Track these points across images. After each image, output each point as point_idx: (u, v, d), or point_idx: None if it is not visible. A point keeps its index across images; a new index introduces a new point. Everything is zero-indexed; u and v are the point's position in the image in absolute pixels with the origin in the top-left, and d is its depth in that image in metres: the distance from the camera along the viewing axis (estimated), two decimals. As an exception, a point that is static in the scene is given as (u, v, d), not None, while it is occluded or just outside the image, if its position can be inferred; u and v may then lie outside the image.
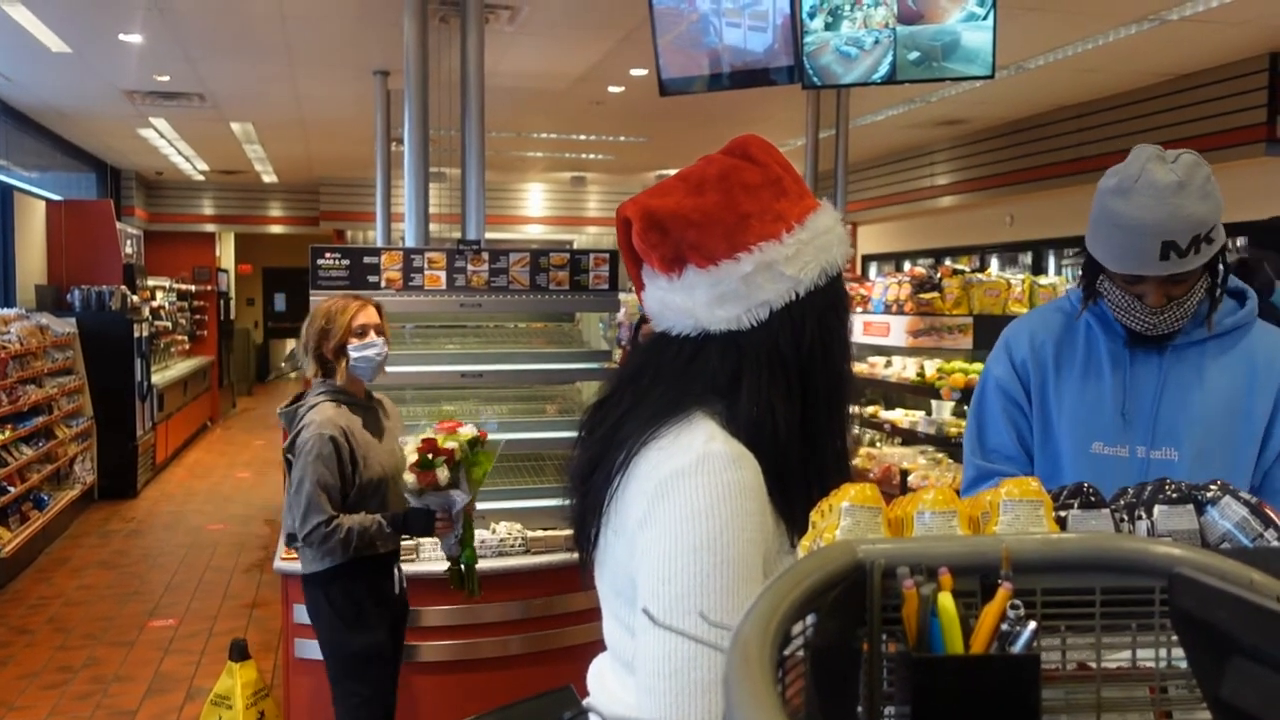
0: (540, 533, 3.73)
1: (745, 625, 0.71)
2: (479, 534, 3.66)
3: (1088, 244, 1.91)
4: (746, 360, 1.23)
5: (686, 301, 1.25)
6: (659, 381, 1.27)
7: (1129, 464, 1.90)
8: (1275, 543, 1.05)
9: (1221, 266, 1.89)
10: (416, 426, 3.87)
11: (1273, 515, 1.07)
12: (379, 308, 3.18)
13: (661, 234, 1.25)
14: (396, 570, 3.19)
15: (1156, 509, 1.11)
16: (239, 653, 3.82)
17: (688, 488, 1.15)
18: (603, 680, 1.34)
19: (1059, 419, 1.98)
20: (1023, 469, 2.02)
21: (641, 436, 1.22)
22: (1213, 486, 1.11)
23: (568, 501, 1.35)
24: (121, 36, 6.76)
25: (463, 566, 3.17)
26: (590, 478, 1.29)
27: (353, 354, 3.08)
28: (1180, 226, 1.74)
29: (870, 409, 6.59)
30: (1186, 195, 1.74)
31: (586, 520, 1.29)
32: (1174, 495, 1.12)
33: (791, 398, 1.23)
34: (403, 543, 3.59)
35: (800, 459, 1.23)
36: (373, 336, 3.10)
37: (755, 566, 1.15)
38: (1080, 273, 2.02)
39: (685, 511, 1.14)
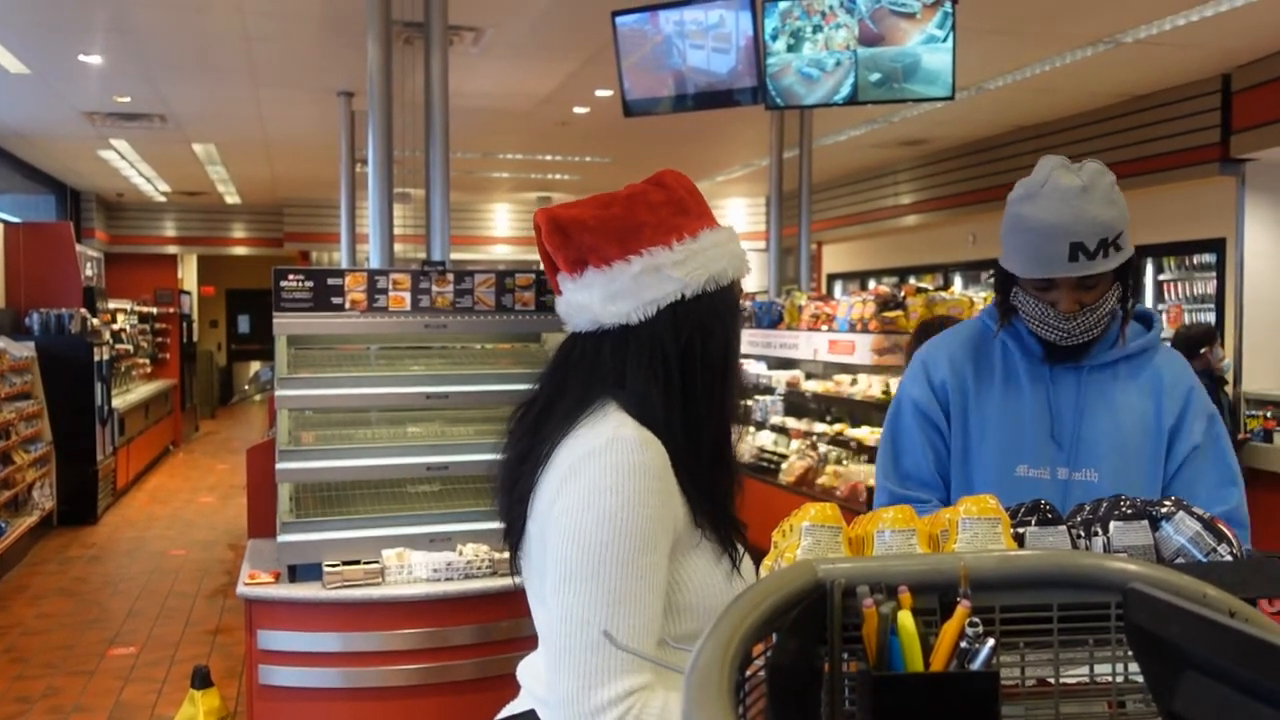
0: (507, 554, 3.72)
1: (704, 646, 0.71)
2: (445, 556, 3.64)
3: (1001, 260, 1.94)
4: (631, 352, 1.38)
5: (586, 299, 1.40)
6: (571, 377, 1.42)
7: (1050, 486, 1.91)
8: (1228, 557, 1.07)
9: (1131, 281, 1.92)
10: (379, 450, 3.85)
11: (1225, 530, 1.08)
12: None
13: (564, 237, 1.41)
14: None
15: (1112, 525, 1.12)
16: (202, 680, 3.77)
17: (595, 466, 1.30)
18: (534, 669, 1.45)
19: (981, 441, 1.96)
20: (938, 495, 1.99)
21: (563, 429, 1.37)
22: (1167, 502, 1.13)
23: (497, 497, 1.48)
24: (81, 57, 6.70)
25: None
26: (519, 468, 1.43)
27: None
28: (1086, 228, 1.78)
29: (837, 426, 6.62)
30: (1091, 199, 1.79)
31: (514, 513, 1.43)
32: (1129, 511, 1.14)
33: (670, 388, 1.36)
34: (367, 565, 3.57)
35: (685, 444, 1.36)
36: None
37: (654, 538, 1.28)
38: (994, 292, 2.03)
39: (593, 487, 1.29)
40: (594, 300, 1.39)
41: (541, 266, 1.51)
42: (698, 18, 4.95)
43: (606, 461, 1.29)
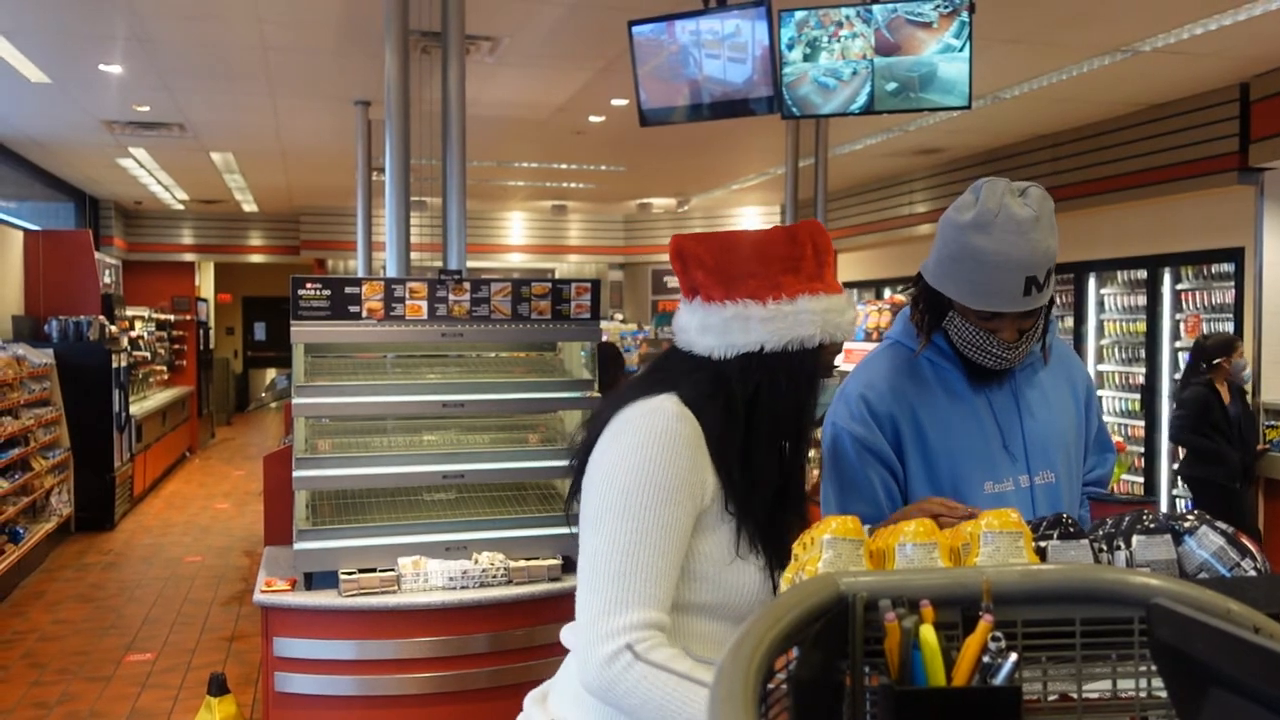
0: (523, 563, 3.72)
1: (728, 659, 0.71)
2: (461, 565, 3.64)
3: (934, 280, 1.85)
4: (705, 382, 1.55)
5: (687, 322, 1.59)
6: (650, 377, 1.62)
7: (1017, 496, 1.88)
8: (1252, 572, 1.06)
9: (1054, 296, 1.88)
10: (396, 458, 3.86)
11: (1249, 544, 1.08)
12: None
13: (682, 265, 1.60)
14: None
15: (1135, 539, 1.12)
16: (218, 687, 3.78)
17: (634, 428, 1.50)
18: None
19: (950, 466, 1.88)
20: None
21: (620, 407, 1.55)
22: (1190, 516, 1.13)
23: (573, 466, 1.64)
24: (102, 67, 6.75)
25: None
26: (585, 437, 1.61)
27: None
28: (1040, 261, 1.72)
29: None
30: (1041, 229, 1.73)
31: (577, 471, 1.59)
32: (1151, 525, 1.13)
33: (731, 418, 1.53)
34: (384, 573, 3.57)
35: (739, 467, 1.52)
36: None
37: (678, 494, 1.45)
38: (913, 309, 1.94)
39: (628, 444, 1.48)
40: (690, 326, 1.58)
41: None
42: (714, 27, 4.95)
43: (645, 424, 1.49)
